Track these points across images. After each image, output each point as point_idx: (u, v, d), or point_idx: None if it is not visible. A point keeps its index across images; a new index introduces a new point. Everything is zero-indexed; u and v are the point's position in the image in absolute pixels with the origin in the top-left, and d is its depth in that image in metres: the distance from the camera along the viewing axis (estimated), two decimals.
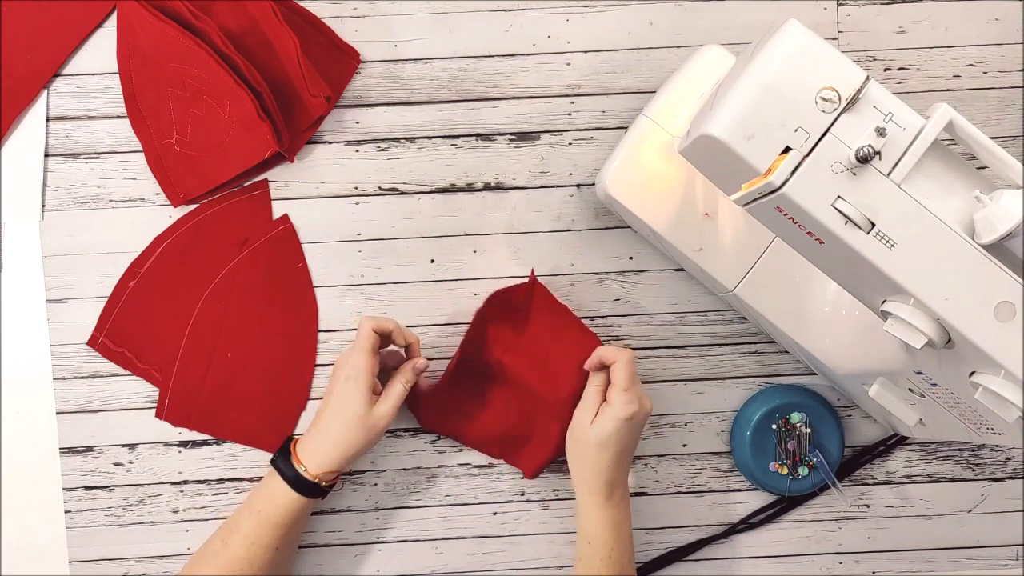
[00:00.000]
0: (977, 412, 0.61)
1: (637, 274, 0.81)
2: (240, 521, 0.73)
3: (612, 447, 0.72)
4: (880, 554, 0.83)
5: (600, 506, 0.73)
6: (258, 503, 0.73)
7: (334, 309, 0.81)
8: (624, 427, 0.72)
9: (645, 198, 0.75)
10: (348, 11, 0.80)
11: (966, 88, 0.81)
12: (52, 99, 0.79)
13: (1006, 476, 0.83)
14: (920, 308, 0.54)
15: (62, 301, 0.80)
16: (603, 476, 0.73)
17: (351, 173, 0.80)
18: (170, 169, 0.79)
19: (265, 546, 0.72)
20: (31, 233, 0.80)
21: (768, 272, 0.75)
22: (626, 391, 0.72)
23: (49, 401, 0.80)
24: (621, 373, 0.72)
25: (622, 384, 0.72)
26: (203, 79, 0.76)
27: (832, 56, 0.54)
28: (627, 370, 0.72)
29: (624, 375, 0.72)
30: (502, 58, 0.80)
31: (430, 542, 0.81)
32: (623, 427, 0.72)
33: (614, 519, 0.73)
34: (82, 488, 0.80)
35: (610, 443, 0.72)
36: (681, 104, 0.74)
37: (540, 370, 0.78)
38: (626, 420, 0.72)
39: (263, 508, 0.73)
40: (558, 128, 0.81)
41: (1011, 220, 0.51)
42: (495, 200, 0.81)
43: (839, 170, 0.53)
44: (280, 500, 0.72)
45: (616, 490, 0.73)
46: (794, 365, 0.82)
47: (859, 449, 0.82)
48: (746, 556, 0.82)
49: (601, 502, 0.73)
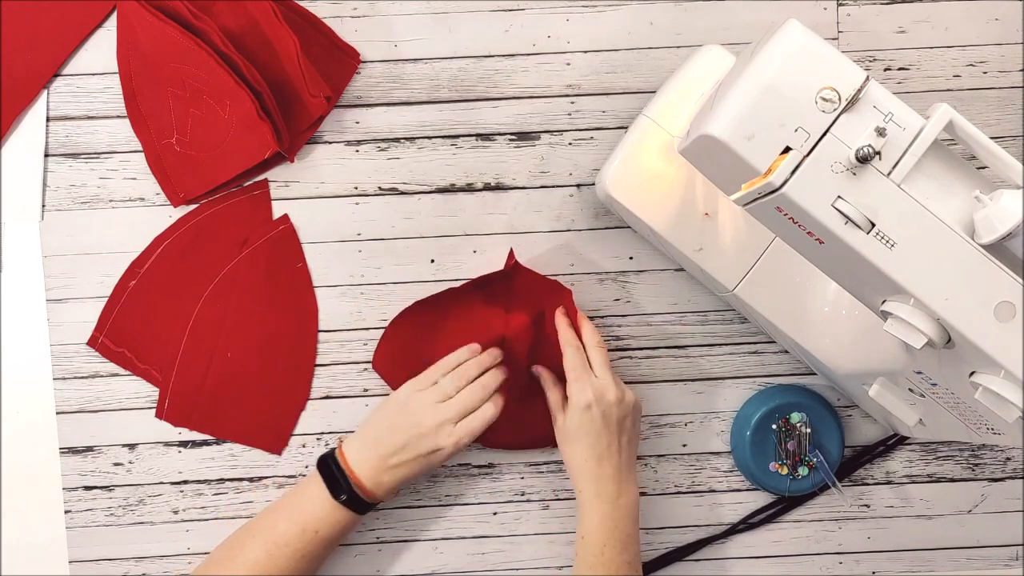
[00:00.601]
0: (977, 412, 0.61)
1: (637, 274, 0.81)
2: (275, 518, 0.72)
3: (581, 440, 0.72)
4: (880, 554, 0.83)
5: (589, 502, 0.73)
6: (300, 505, 0.72)
7: (334, 309, 0.81)
8: (585, 417, 0.72)
9: (645, 198, 0.75)
10: (348, 11, 0.80)
11: (966, 88, 0.81)
12: (52, 99, 0.79)
13: (1006, 476, 0.83)
14: (920, 308, 0.54)
15: (62, 301, 0.80)
16: (586, 471, 0.73)
17: (351, 173, 0.80)
18: (170, 169, 0.79)
19: (315, 557, 0.72)
20: (31, 233, 0.80)
21: (768, 272, 0.75)
22: (575, 382, 0.73)
23: (49, 401, 0.80)
24: (567, 365, 0.73)
25: (570, 376, 0.73)
26: (203, 79, 0.76)
27: (832, 56, 0.54)
28: (571, 362, 0.73)
29: (568, 367, 0.73)
30: (502, 58, 0.80)
31: (430, 542, 0.81)
32: (584, 417, 0.72)
33: (607, 515, 0.72)
34: (82, 488, 0.80)
35: (578, 436, 0.72)
36: (681, 104, 0.74)
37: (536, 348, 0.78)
38: (584, 410, 0.72)
39: (320, 528, 0.72)
40: (558, 128, 0.81)
41: (1011, 220, 0.51)
42: (495, 200, 0.81)
43: (839, 170, 0.53)
44: (327, 508, 0.72)
45: (608, 485, 0.73)
46: (794, 365, 0.82)
47: (859, 449, 0.82)
48: (746, 556, 0.82)
49: (590, 498, 0.73)
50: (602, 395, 0.72)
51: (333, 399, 0.81)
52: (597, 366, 0.74)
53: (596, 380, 0.73)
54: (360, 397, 0.81)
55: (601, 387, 0.73)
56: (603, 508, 0.72)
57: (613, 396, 0.72)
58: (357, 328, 0.80)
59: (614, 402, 0.72)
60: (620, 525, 0.73)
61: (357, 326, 0.80)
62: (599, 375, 0.73)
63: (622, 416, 0.73)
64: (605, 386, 0.73)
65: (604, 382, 0.73)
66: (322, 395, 0.81)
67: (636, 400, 0.74)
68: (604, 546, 0.72)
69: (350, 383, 0.81)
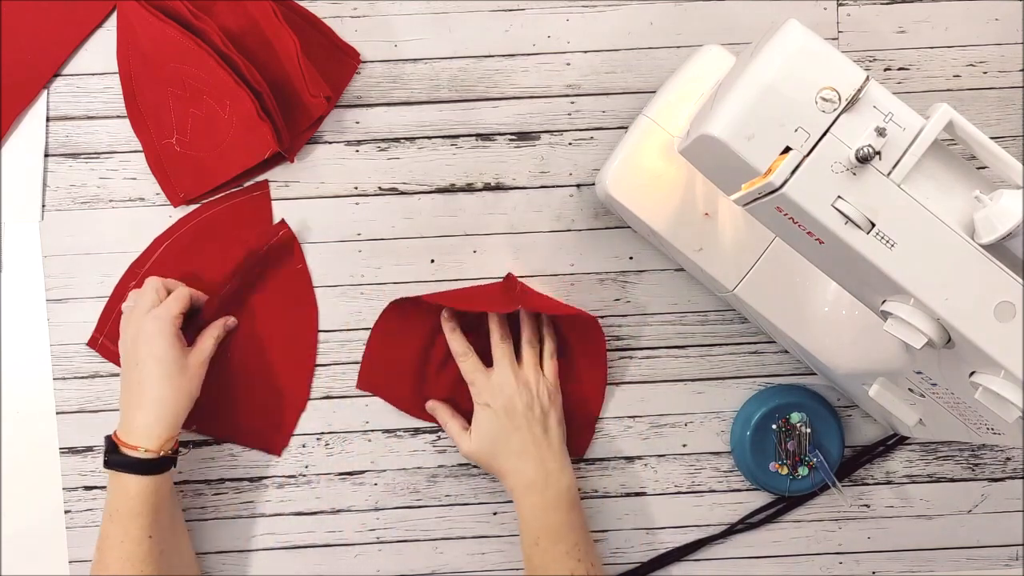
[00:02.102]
0: (977, 412, 0.61)
1: (637, 274, 0.81)
2: (103, 528, 0.71)
3: (489, 440, 0.75)
4: (880, 554, 0.83)
5: (519, 495, 0.74)
6: (112, 504, 0.70)
7: (334, 309, 0.81)
8: (484, 416, 0.75)
9: (645, 198, 0.75)
10: (348, 11, 0.80)
11: (966, 88, 0.81)
12: (52, 99, 0.79)
13: (1006, 476, 0.83)
14: (920, 308, 0.54)
15: (62, 301, 0.80)
16: (507, 468, 0.74)
17: (351, 173, 0.80)
18: (170, 169, 0.79)
19: (136, 539, 0.69)
20: (31, 233, 0.80)
21: (768, 272, 0.75)
22: (471, 386, 0.76)
23: (49, 401, 0.80)
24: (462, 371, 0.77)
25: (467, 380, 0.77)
26: (203, 79, 0.76)
27: (832, 56, 0.54)
28: (464, 367, 0.76)
29: (463, 371, 0.77)
30: (502, 58, 0.80)
31: (430, 542, 0.81)
32: (483, 417, 0.75)
33: (536, 506, 0.73)
34: (82, 488, 0.80)
35: (485, 437, 0.75)
36: (681, 104, 0.74)
37: None
38: (483, 409, 0.75)
39: (119, 507, 0.70)
40: (558, 128, 0.81)
41: (1011, 220, 0.51)
42: (495, 200, 0.81)
43: (839, 170, 0.53)
44: (132, 491, 0.69)
45: (532, 476, 0.73)
46: (794, 365, 0.82)
47: (859, 449, 0.82)
48: (746, 556, 0.82)
49: (520, 492, 0.74)
50: (499, 390, 0.73)
51: (333, 399, 0.81)
52: (507, 362, 0.76)
53: (492, 377, 0.74)
54: (360, 397, 0.81)
55: (497, 383, 0.74)
56: (531, 499, 0.73)
57: (511, 388, 0.73)
58: (357, 328, 0.80)
59: (513, 394, 0.73)
60: (551, 515, 0.73)
61: (357, 326, 0.80)
62: (497, 371, 0.75)
63: (526, 406, 0.74)
64: (500, 381, 0.73)
65: (500, 377, 0.74)
66: (322, 395, 0.81)
67: (545, 388, 0.75)
68: (538, 537, 0.73)
69: (350, 383, 0.81)
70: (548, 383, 0.76)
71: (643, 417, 0.82)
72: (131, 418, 0.71)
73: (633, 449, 0.82)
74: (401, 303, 0.79)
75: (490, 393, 0.74)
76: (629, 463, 0.82)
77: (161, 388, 0.70)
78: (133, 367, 0.72)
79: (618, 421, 0.82)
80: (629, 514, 0.82)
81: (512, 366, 0.75)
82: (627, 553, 0.82)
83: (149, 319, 0.71)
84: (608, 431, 0.82)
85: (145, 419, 0.70)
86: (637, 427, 0.82)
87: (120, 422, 0.72)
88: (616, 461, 0.82)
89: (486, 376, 0.75)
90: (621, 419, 0.82)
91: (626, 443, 0.82)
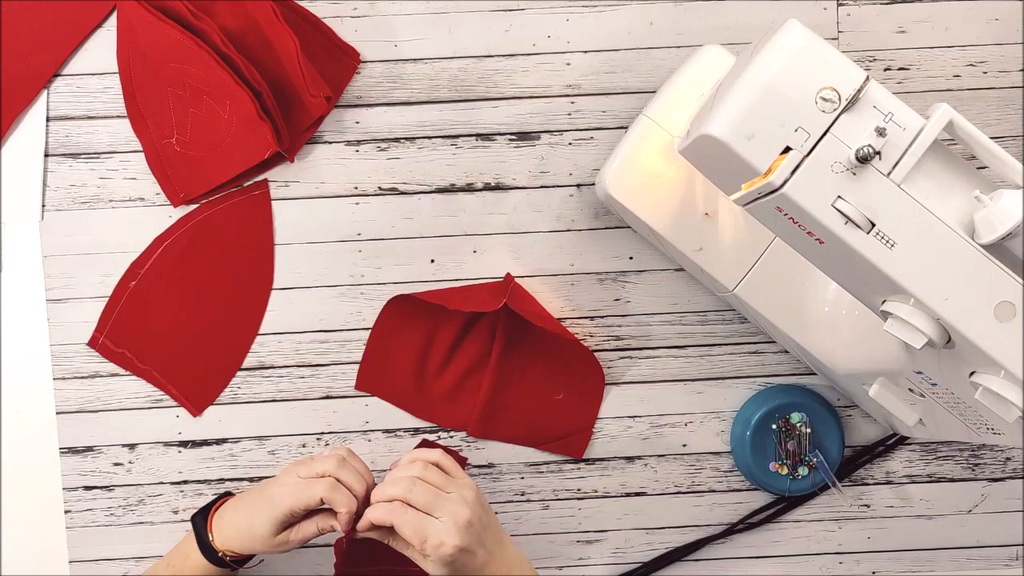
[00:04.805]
0: (977, 412, 0.61)
1: (637, 274, 0.81)
2: (156, 569, 0.71)
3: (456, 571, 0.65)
4: (880, 554, 0.83)
5: None
6: (175, 556, 0.70)
7: (334, 309, 0.81)
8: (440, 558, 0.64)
9: (645, 198, 0.75)
10: (348, 11, 0.80)
11: (966, 88, 0.81)
12: (52, 99, 0.79)
13: (1006, 476, 0.83)
14: (920, 308, 0.54)
15: (62, 301, 0.80)
16: None
17: (351, 173, 0.80)
18: (170, 169, 0.79)
19: None
20: (31, 233, 0.80)
21: (768, 272, 0.75)
22: (412, 535, 0.65)
23: (49, 401, 0.80)
24: None
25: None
26: (203, 79, 0.76)
27: (832, 56, 0.54)
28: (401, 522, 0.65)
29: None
30: (502, 58, 0.80)
31: None
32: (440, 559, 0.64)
33: None
34: (82, 488, 0.80)
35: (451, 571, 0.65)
36: (681, 104, 0.74)
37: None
38: (436, 550, 0.63)
39: (176, 562, 0.70)
40: (558, 128, 0.81)
41: (1011, 220, 0.51)
42: (495, 200, 0.81)
43: (839, 170, 0.53)
44: (191, 561, 0.69)
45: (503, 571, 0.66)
46: (794, 365, 0.82)
47: (859, 449, 0.82)
48: (746, 556, 0.82)
49: None
50: (441, 539, 0.63)
51: (333, 399, 0.81)
52: (427, 498, 0.65)
53: (430, 524, 0.64)
54: (360, 397, 0.81)
55: (437, 530, 0.63)
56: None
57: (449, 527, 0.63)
58: (357, 328, 0.80)
59: (463, 525, 0.64)
60: None
61: (357, 326, 0.80)
62: (426, 513, 0.64)
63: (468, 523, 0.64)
64: (438, 528, 0.63)
65: (438, 525, 0.64)
66: (322, 395, 0.81)
67: (472, 497, 0.65)
68: None
69: (350, 383, 0.81)
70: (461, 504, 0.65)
71: (643, 417, 0.82)
72: (228, 510, 0.69)
73: (633, 449, 0.82)
74: (399, 302, 0.79)
75: (431, 538, 0.63)
76: (629, 463, 0.82)
77: (244, 529, 0.67)
78: (264, 486, 0.68)
79: (618, 421, 0.82)
80: (629, 514, 0.82)
81: (439, 496, 0.65)
82: (627, 553, 0.82)
83: (281, 493, 0.66)
84: (608, 431, 0.82)
85: (228, 524, 0.68)
86: (637, 427, 0.82)
87: (231, 501, 0.70)
88: (616, 461, 0.82)
89: (421, 520, 0.64)
90: (621, 419, 0.82)
91: (626, 443, 0.82)
